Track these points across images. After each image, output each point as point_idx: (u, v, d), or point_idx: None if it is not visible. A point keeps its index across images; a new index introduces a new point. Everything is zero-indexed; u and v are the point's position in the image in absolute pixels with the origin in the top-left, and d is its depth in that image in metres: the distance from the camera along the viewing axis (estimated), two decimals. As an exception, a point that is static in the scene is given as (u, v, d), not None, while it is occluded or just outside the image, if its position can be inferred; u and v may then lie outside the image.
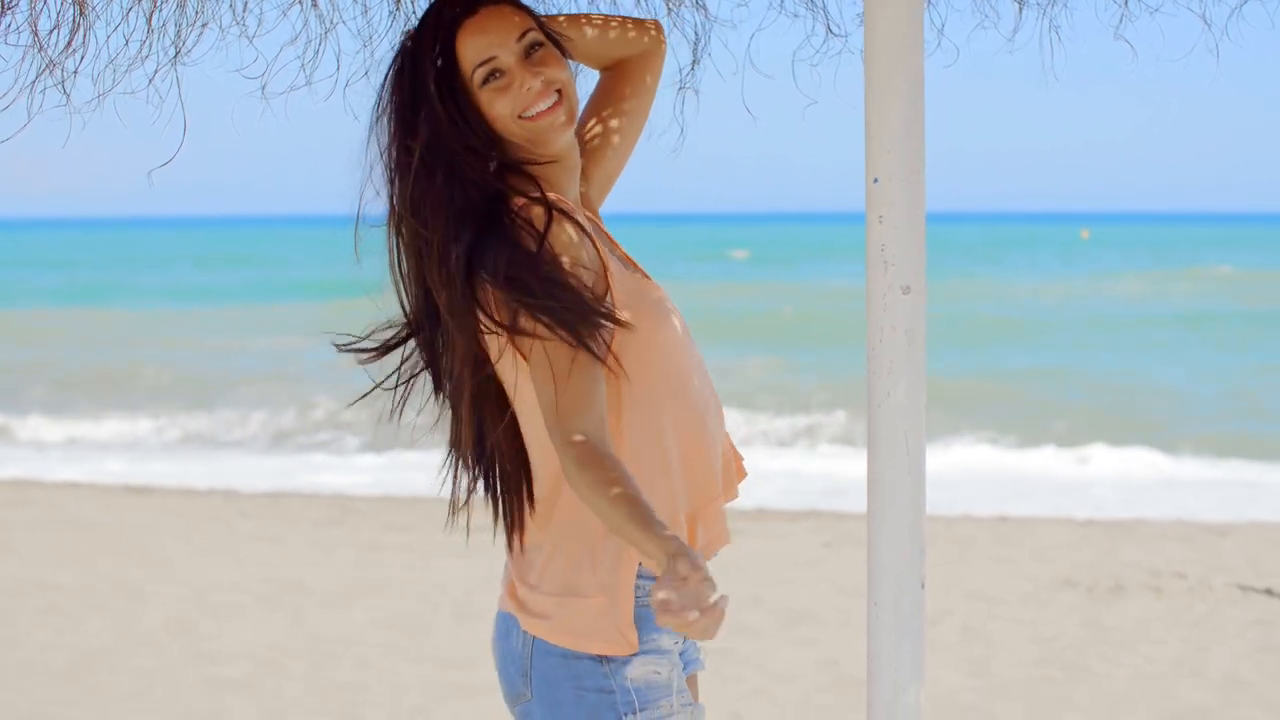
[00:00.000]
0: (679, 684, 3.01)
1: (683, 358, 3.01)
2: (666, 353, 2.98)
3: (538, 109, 2.99)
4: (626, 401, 2.95)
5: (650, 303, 2.98)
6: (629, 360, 2.93)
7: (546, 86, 3.00)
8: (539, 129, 3.00)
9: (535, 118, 2.99)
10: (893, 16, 2.94)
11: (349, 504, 13.53)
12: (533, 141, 3.02)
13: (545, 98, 3.00)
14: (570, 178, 3.10)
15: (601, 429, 2.83)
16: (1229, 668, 8.36)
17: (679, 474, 2.99)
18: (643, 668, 2.97)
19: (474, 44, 2.99)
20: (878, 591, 3.01)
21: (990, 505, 14.48)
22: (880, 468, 2.99)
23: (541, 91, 2.99)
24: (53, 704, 7.64)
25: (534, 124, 3.00)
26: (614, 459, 2.80)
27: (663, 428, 2.97)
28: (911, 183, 2.96)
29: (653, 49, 3.30)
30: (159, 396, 23.66)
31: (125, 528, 12.54)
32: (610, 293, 2.92)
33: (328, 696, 7.84)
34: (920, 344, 2.98)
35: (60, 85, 3.14)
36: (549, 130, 3.01)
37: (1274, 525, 12.99)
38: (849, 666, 8.32)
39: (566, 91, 3.03)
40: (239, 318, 40.30)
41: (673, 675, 3.00)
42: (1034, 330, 35.10)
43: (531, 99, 2.99)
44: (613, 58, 3.29)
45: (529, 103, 2.99)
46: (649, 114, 3.33)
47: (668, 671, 2.99)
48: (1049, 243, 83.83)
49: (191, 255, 78.33)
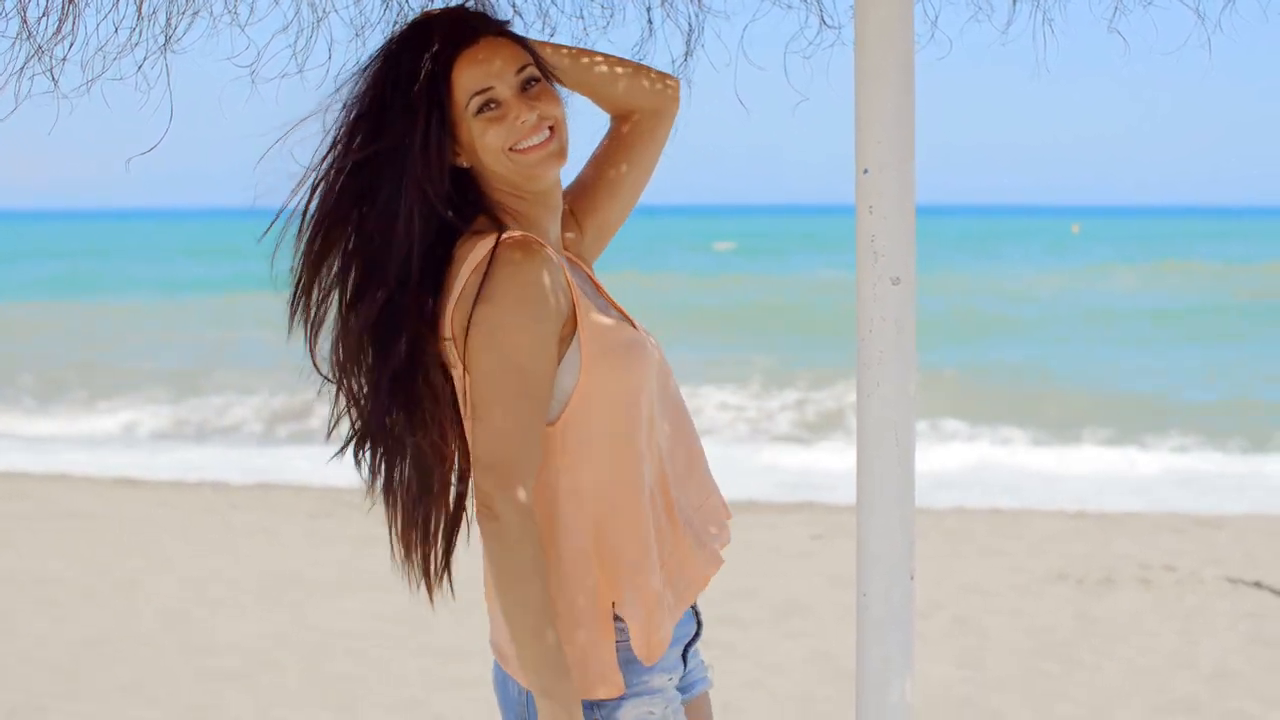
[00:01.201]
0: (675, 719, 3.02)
1: (658, 398, 2.99)
2: (639, 394, 2.95)
3: (530, 143, 2.97)
4: (580, 446, 2.93)
5: (627, 347, 2.95)
6: (593, 404, 2.92)
7: (540, 122, 2.98)
8: (528, 163, 2.98)
9: (526, 151, 2.97)
10: (884, 6, 2.93)
11: (342, 496, 13.50)
12: (519, 175, 3.00)
13: (538, 132, 2.97)
14: (551, 216, 3.07)
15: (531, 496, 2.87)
16: (1220, 660, 8.37)
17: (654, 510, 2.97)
18: (635, 710, 2.96)
19: (472, 73, 2.97)
20: (867, 583, 3.00)
21: (982, 498, 14.50)
22: (870, 458, 2.99)
23: (535, 126, 2.97)
24: (48, 696, 7.63)
25: (524, 157, 2.97)
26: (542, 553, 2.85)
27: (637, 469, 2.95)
28: (902, 173, 2.96)
29: (666, 106, 3.27)
30: (150, 388, 23.62)
31: (119, 520, 12.53)
32: (577, 331, 2.90)
33: (324, 688, 7.84)
34: (910, 334, 2.98)
35: (49, 72, 3.13)
36: (537, 165, 2.98)
37: (1265, 518, 13.01)
38: (841, 658, 8.32)
39: (559, 129, 3.01)
40: (229, 308, 40.25)
41: (667, 713, 2.99)
42: (1023, 323, 35.11)
43: (525, 132, 2.97)
44: (625, 106, 3.26)
45: (521, 135, 2.97)
46: (654, 169, 3.30)
47: (661, 710, 2.98)
48: (1039, 236, 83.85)
49: (181, 246, 78.21)
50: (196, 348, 30.71)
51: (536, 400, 2.87)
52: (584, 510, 2.94)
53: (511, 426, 2.86)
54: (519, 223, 3.02)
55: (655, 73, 3.28)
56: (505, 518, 2.84)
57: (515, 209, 3.03)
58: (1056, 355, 28.53)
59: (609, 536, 2.94)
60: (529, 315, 2.86)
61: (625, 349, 2.95)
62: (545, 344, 2.87)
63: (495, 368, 2.86)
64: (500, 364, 2.86)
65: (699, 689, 3.20)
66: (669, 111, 3.28)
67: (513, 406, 2.86)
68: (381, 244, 2.93)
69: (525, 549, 2.84)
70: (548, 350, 2.88)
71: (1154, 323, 34.71)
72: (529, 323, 2.86)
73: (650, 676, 2.97)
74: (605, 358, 2.92)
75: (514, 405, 2.86)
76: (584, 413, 2.92)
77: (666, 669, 3.01)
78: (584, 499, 2.94)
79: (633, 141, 3.27)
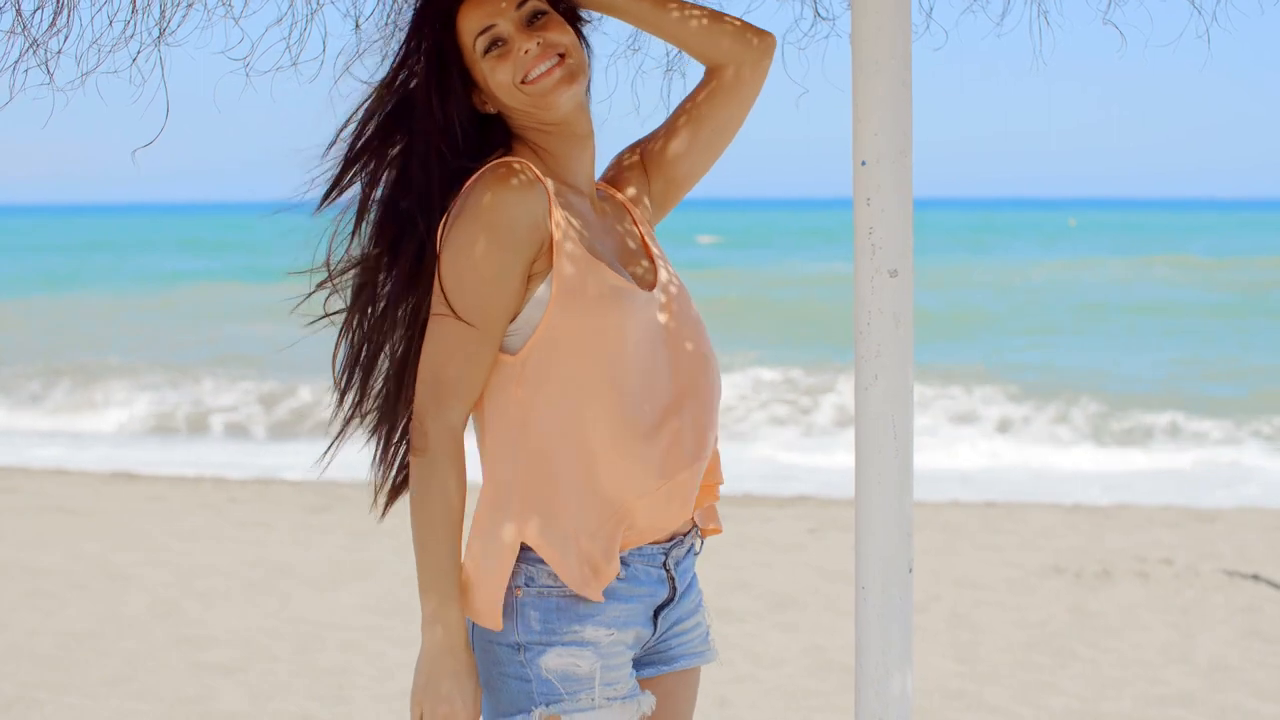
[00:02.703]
0: (608, 676, 2.97)
1: (631, 351, 2.95)
2: (606, 343, 2.93)
3: (537, 71, 2.98)
4: (538, 381, 2.94)
5: (600, 294, 2.93)
6: (559, 344, 2.92)
7: (545, 49, 2.98)
8: (538, 91, 2.98)
9: (535, 80, 2.98)
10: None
11: (337, 490, 13.49)
12: (535, 106, 3.00)
13: (545, 59, 2.98)
14: (575, 147, 3.07)
15: (466, 422, 2.93)
16: (1216, 653, 8.37)
17: (600, 461, 2.94)
18: (560, 659, 2.95)
19: (474, 15, 2.99)
20: (865, 576, 3.00)
21: (978, 491, 14.50)
22: (868, 451, 2.98)
23: (540, 54, 2.98)
24: (39, 687, 7.62)
25: (533, 87, 2.98)
26: (462, 478, 2.90)
27: (580, 415, 2.93)
28: (899, 165, 2.95)
29: (754, 63, 3.19)
30: (146, 382, 23.58)
31: (112, 513, 12.52)
32: (554, 269, 2.91)
33: (315, 680, 7.83)
34: (908, 327, 2.97)
35: (44, 65, 3.12)
36: (550, 92, 2.98)
37: (1261, 511, 13.01)
38: (835, 652, 8.32)
39: (570, 54, 3.00)
40: (226, 301, 40.22)
41: (596, 668, 2.95)
42: (1018, 317, 35.10)
43: (530, 62, 2.97)
44: (712, 59, 3.20)
45: (528, 66, 2.97)
46: (734, 131, 3.25)
47: (589, 665, 2.95)
48: (1036, 230, 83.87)
49: (177, 240, 78.12)
50: (193, 341, 30.68)
51: (485, 324, 2.90)
52: (527, 444, 2.94)
53: (454, 346, 2.90)
54: (541, 159, 3.04)
55: (746, 26, 3.20)
56: (431, 434, 2.90)
57: (539, 144, 3.05)
58: (1050, 348, 28.51)
59: (546, 476, 2.93)
60: (487, 238, 2.89)
61: (601, 297, 2.93)
62: (504, 270, 2.89)
63: (450, 285, 2.89)
64: (454, 282, 2.89)
65: (688, 661, 3.16)
66: (757, 69, 3.21)
67: (458, 326, 2.90)
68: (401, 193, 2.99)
69: (440, 468, 2.90)
70: (506, 276, 2.89)
71: (1148, 316, 34.70)
72: (487, 245, 2.89)
73: (582, 627, 2.95)
74: (575, 301, 2.91)
75: (460, 325, 2.90)
76: (546, 351, 2.92)
77: (610, 624, 2.97)
78: (530, 434, 2.94)
79: (714, 98, 3.22)
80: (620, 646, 2.99)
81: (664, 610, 3.08)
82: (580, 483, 2.93)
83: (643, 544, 3.01)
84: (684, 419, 3.01)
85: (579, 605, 2.95)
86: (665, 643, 3.13)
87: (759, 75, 3.20)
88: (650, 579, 3.04)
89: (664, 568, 3.06)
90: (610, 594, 2.97)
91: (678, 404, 3.00)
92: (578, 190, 3.07)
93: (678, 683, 3.18)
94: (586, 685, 2.94)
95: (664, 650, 3.13)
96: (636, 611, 3.02)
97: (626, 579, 2.99)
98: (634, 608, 3.01)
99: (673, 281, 3.10)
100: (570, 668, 2.94)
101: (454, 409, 2.91)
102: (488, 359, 2.92)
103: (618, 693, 2.97)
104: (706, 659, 3.20)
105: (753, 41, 3.18)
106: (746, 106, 3.23)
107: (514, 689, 2.95)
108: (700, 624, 3.19)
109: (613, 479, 2.94)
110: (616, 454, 2.94)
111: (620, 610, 2.99)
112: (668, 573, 3.06)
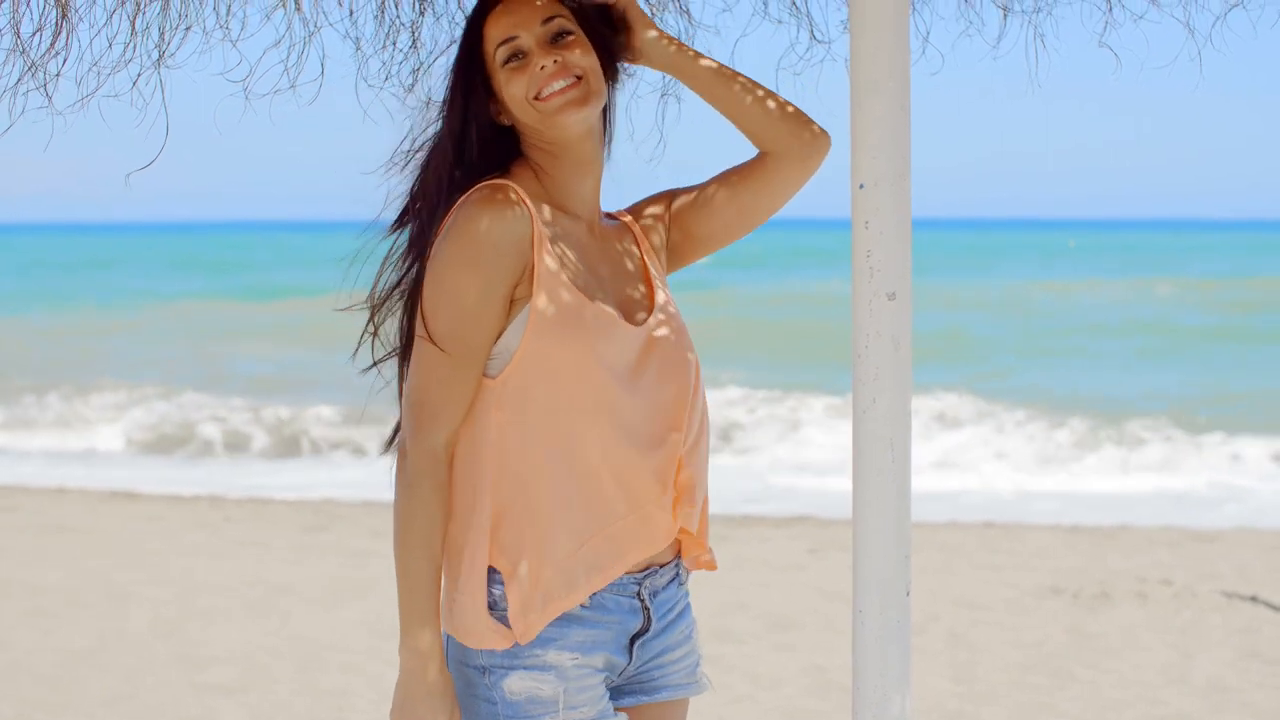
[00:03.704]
0: (572, 699, 2.97)
1: (604, 381, 2.94)
2: (582, 371, 2.92)
3: (550, 89, 2.97)
4: (516, 406, 2.94)
5: (578, 322, 2.93)
6: (536, 370, 2.92)
7: (562, 68, 2.98)
8: (548, 109, 2.97)
9: (547, 98, 2.97)
10: (879, 20, 2.93)
11: (334, 509, 13.49)
12: (543, 124, 2.99)
13: (560, 78, 2.97)
14: (577, 172, 3.06)
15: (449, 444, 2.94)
16: (1214, 674, 8.36)
17: (572, 489, 2.94)
18: (523, 682, 2.95)
19: (499, 24, 3.00)
20: (863, 599, 2.99)
21: (975, 512, 14.48)
22: (865, 474, 2.97)
23: (556, 72, 2.97)
24: (39, 707, 7.61)
25: (544, 104, 2.97)
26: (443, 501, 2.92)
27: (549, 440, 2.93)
28: (898, 188, 2.95)
29: (800, 158, 3.12)
30: (145, 401, 23.56)
31: (111, 532, 12.51)
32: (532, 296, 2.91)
33: (315, 700, 7.82)
34: (907, 350, 2.97)
35: (43, 88, 3.12)
36: (558, 111, 2.97)
37: (1259, 532, 13.00)
38: (834, 672, 8.31)
39: (588, 78, 2.99)
40: (225, 320, 40.22)
41: (560, 692, 2.95)
42: (1016, 337, 35.10)
43: (544, 79, 2.97)
44: (761, 142, 3.13)
45: (542, 83, 2.97)
46: (765, 217, 3.20)
47: (553, 688, 2.95)
48: (1035, 250, 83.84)
49: (175, 259, 78.08)
50: (193, 360, 30.68)
51: (466, 347, 2.91)
52: (505, 470, 2.94)
53: (435, 367, 2.91)
54: (540, 179, 3.04)
55: (805, 119, 3.14)
56: (412, 457, 2.92)
57: (540, 164, 3.04)
58: (1050, 368, 28.51)
59: (520, 505, 2.93)
60: (467, 259, 2.89)
61: (578, 325, 2.93)
62: (484, 291, 2.89)
63: (429, 310, 2.91)
64: (432, 308, 2.90)
65: (673, 693, 3.14)
66: (804, 166, 3.14)
67: (435, 352, 2.91)
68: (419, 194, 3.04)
69: (420, 492, 2.91)
70: (486, 299, 2.89)
71: (1147, 337, 34.69)
72: (466, 267, 2.89)
73: (544, 651, 2.95)
74: (552, 328, 2.91)
75: (437, 351, 2.91)
76: (523, 376, 2.92)
77: (574, 649, 2.97)
78: (507, 460, 2.94)
79: (752, 181, 3.16)
80: (586, 670, 2.98)
81: (641, 640, 3.07)
82: (551, 510, 2.93)
83: (611, 577, 2.99)
84: (660, 452, 3.00)
85: (545, 629, 2.95)
86: (647, 673, 3.11)
87: (803, 173, 3.15)
88: (620, 608, 3.02)
89: (637, 597, 3.04)
90: (574, 619, 2.96)
91: (654, 437, 3.00)
92: (573, 215, 3.06)
93: (662, 714, 3.16)
94: (550, 708, 2.95)
95: (646, 680, 3.12)
96: (604, 638, 3.01)
97: (591, 606, 2.98)
98: (601, 634, 3.00)
99: (667, 316, 3.08)
100: (534, 691, 2.95)
101: (433, 433, 2.92)
102: (467, 384, 2.92)
103: (583, 715, 2.97)
104: (694, 690, 3.18)
105: (806, 136, 3.12)
106: (781, 200, 3.19)
107: (484, 711, 2.97)
108: (690, 655, 3.17)
109: (583, 506, 2.94)
110: (587, 482, 2.94)
111: (584, 635, 2.98)
112: (641, 602, 3.05)
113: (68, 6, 3.11)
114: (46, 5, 3.11)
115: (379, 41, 3.28)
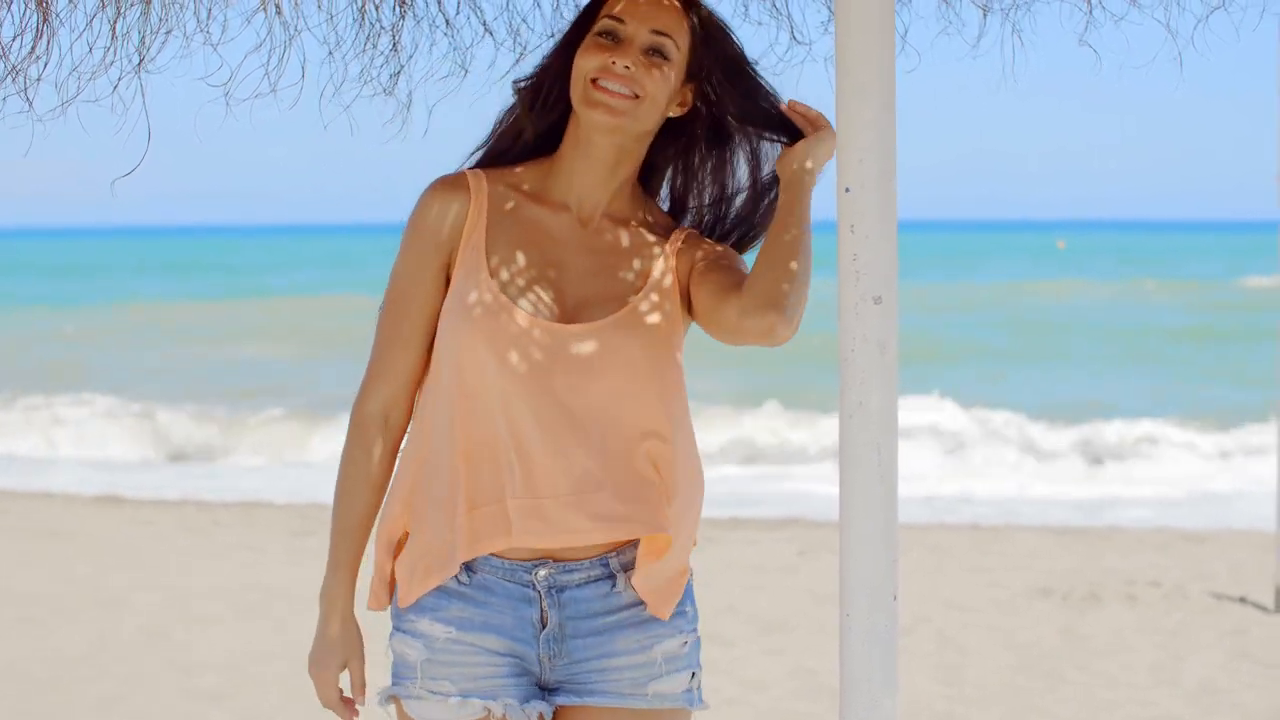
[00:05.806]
0: (434, 670, 3.02)
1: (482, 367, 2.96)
2: (467, 355, 2.97)
3: (609, 85, 2.97)
4: (430, 380, 3.05)
5: (475, 305, 2.97)
6: (440, 349, 3.03)
7: (630, 79, 2.98)
8: (594, 98, 2.98)
9: (600, 89, 2.97)
10: (864, 22, 2.91)
11: (323, 514, 13.46)
12: (577, 104, 3.01)
13: (622, 83, 2.97)
14: (590, 169, 3.06)
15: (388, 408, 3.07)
16: (1204, 676, 8.36)
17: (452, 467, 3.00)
18: (399, 644, 3.08)
19: (623, 2, 3.02)
20: (850, 603, 2.98)
21: (964, 513, 14.49)
22: (852, 478, 2.96)
23: (623, 77, 2.97)
24: (29, 713, 7.59)
25: (594, 93, 2.98)
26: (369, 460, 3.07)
27: (449, 420, 3.00)
28: (884, 191, 2.93)
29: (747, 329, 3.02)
30: (129, 405, 23.50)
31: (100, 537, 12.49)
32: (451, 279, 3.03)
33: (306, 705, 7.77)
34: (893, 354, 2.95)
35: (23, 93, 3.11)
36: (595, 106, 2.98)
37: (1249, 533, 13.00)
38: (823, 675, 8.30)
39: (643, 103, 2.99)
40: (214, 324, 40.18)
41: (420, 660, 3.04)
42: (1006, 340, 35.14)
43: (611, 73, 2.97)
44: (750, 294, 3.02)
45: (606, 74, 2.97)
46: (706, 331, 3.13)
47: (416, 654, 3.04)
48: (1022, 252, 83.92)
49: (157, 263, 77.99)
50: (181, 364, 30.64)
51: (401, 315, 3.04)
52: (417, 435, 3.07)
53: (378, 334, 3.08)
54: (541, 164, 3.11)
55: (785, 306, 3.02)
56: (353, 414, 3.08)
57: (564, 144, 3.09)
58: (1041, 370, 28.54)
59: (425, 475, 3.04)
60: (410, 235, 3.06)
61: (474, 307, 2.98)
62: (420, 265, 3.04)
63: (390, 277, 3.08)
64: (391, 273, 3.07)
65: (610, 700, 3.07)
66: (742, 337, 3.05)
67: (381, 313, 3.09)
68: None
69: (349, 451, 3.09)
70: (422, 272, 3.04)
71: (1134, 339, 34.74)
72: (408, 241, 3.06)
73: (418, 618, 3.04)
74: (449, 312, 3.02)
75: (382, 316, 3.08)
76: (437, 353, 3.04)
77: (449, 622, 3.01)
78: (421, 425, 3.06)
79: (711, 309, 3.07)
80: (465, 647, 3.02)
81: (545, 634, 3.04)
82: (443, 483, 3.01)
83: (479, 552, 3.01)
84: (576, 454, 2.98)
85: (424, 597, 3.04)
86: (580, 674, 3.07)
87: (736, 340, 3.06)
88: (507, 593, 3.02)
89: (531, 586, 3.02)
90: (453, 594, 3.02)
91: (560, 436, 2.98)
92: (554, 206, 3.08)
93: (589, 718, 3.09)
94: (411, 674, 3.05)
95: (577, 682, 3.07)
96: (496, 621, 3.02)
97: (472, 584, 3.02)
98: (489, 615, 3.02)
99: (629, 326, 3.02)
100: (403, 654, 3.07)
101: (372, 394, 3.07)
102: (407, 351, 3.05)
103: (443, 690, 3.02)
104: (639, 704, 3.09)
105: (769, 317, 3.00)
106: (707, 327, 3.11)
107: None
108: (647, 666, 3.09)
109: (469, 483, 3.00)
110: (470, 463, 2.99)
111: (466, 612, 3.02)
112: (537, 593, 3.02)
113: (49, 10, 3.10)
114: (28, 9, 3.09)
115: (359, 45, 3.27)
